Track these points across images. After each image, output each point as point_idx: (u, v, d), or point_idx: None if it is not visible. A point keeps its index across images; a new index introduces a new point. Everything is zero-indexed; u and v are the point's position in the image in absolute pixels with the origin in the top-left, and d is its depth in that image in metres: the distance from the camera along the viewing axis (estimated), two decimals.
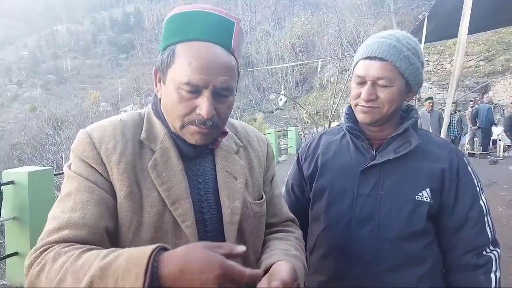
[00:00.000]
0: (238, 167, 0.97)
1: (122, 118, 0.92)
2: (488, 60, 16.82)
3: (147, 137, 0.89)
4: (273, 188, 1.10)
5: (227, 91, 0.85)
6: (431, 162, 1.16)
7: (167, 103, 0.86)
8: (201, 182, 0.92)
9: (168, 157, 0.88)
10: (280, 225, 1.09)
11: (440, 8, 5.45)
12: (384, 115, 1.14)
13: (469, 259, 1.12)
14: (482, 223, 1.14)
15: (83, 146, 0.84)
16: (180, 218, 0.83)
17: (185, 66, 0.81)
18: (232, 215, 0.91)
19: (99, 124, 0.90)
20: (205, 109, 0.81)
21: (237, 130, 1.06)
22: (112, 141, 0.85)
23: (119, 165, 0.83)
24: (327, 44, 21.97)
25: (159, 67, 0.88)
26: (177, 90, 0.82)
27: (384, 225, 1.13)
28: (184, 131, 0.86)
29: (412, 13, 22.88)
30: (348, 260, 1.16)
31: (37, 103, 38.37)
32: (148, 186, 0.84)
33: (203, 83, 0.81)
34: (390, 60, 1.09)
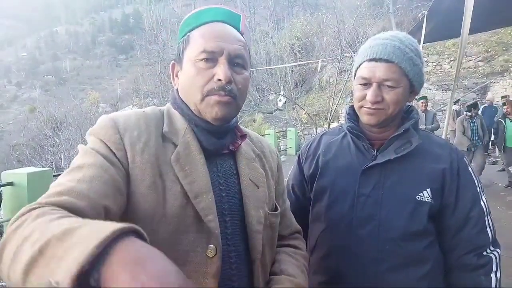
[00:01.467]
0: (259, 175, 0.97)
1: (145, 110, 0.93)
2: (487, 61, 16.84)
3: (169, 130, 0.89)
4: (284, 201, 1.12)
5: (241, 59, 0.89)
6: (432, 162, 1.16)
7: (186, 81, 0.89)
8: (222, 183, 0.91)
9: (190, 150, 0.87)
10: (290, 238, 1.11)
11: (439, 7, 5.45)
12: (389, 117, 1.14)
13: (469, 259, 1.13)
14: (483, 223, 1.14)
15: (106, 129, 0.83)
16: (202, 212, 0.82)
17: (199, 39, 0.87)
18: (258, 224, 0.91)
19: (123, 112, 0.90)
20: (222, 73, 0.84)
21: (252, 139, 1.07)
22: (136, 130, 0.85)
23: (143, 155, 0.82)
24: (326, 45, 21.98)
25: (176, 59, 0.93)
26: (194, 63, 0.86)
27: (385, 225, 1.13)
28: (204, 105, 0.87)
29: (411, 14, 22.91)
30: (348, 260, 1.16)
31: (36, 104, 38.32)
32: (171, 178, 0.83)
33: (218, 49, 0.85)
34: (395, 61, 1.10)
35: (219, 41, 0.85)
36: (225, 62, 0.85)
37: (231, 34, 0.89)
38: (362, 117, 1.19)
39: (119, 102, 36.92)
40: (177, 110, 0.93)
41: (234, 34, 0.90)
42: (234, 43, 0.88)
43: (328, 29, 22.11)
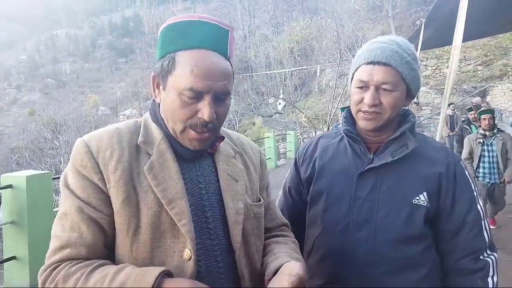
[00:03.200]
0: (237, 170, 1.01)
1: (118, 126, 0.96)
2: (486, 65, 16.89)
3: (144, 141, 0.92)
4: (268, 195, 1.15)
5: (225, 95, 0.90)
6: (428, 166, 1.16)
7: (168, 108, 0.89)
8: (202, 182, 0.95)
9: (164, 159, 0.90)
10: (277, 230, 1.14)
11: (437, 14, 5.48)
12: (386, 121, 1.15)
13: (466, 263, 1.12)
14: (479, 227, 1.14)
15: (81, 156, 0.87)
16: (176, 217, 0.85)
17: (187, 73, 0.85)
18: (236, 215, 0.94)
19: (96, 133, 0.93)
20: (207, 113, 0.86)
21: (232, 138, 1.11)
22: (109, 149, 0.88)
23: (115, 173, 0.86)
24: (325, 48, 22.05)
25: (158, 74, 0.92)
26: (179, 95, 0.86)
27: (381, 228, 1.13)
28: (184, 136, 0.90)
29: (410, 18, 22.99)
30: (345, 263, 1.15)
31: (36, 107, 38.32)
32: (144, 188, 0.87)
33: (206, 89, 0.86)
34: (393, 65, 1.10)
35: (208, 80, 0.85)
36: (210, 101, 0.86)
37: (220, 71, 0.87)
38: (359, 122, 1.19)
39: (119, 105, 36.97)
40: (156, 124, 0.96)
41: (223, 70, 0.88)
42: (222, 80, 0.88)
43: (328, 33, 22.18)
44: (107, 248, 0.87)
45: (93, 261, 0.82)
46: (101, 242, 0.85)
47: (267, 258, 0.99)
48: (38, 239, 3.66)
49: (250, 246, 0.98)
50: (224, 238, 0.93)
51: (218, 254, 0.92)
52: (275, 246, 1.03)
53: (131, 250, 0.84)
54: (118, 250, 0.86)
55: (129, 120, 1.00)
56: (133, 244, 0.84)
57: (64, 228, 0.84)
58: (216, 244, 0.92)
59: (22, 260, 3.72)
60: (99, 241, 0.84)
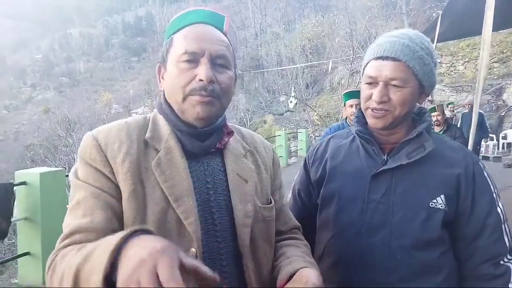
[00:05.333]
0: (247, 170, 0.98)
1: (127, 120, 0.95)
2: (502, 62, 16.51)
3: (151, 136, 0.91)
4: (282, 197, 1.11)
5: (222, 59, 0.90)
6: (446, 167, 1.11)
7: (169, 82, 0.91)
8: (210, 181, 0.92)
9: (172, 155, 0.89)
10: (289, 233, 1.10)
11: (454, 6, 5.35)
12: (396, 119, 1.10)
13: (486, 269, 1.08)
14: (500, 231, 1.09)
15: (90, 149, 0.86)
16: (183, 215, 0.83)
17: (181, 41, 0.89)
18: (245, 218, 0.91)
19: (104, 126, 0.92)
20: (204, 73, 0.85)
21: (244, 136, 1.07)
22: (117, 142, 0.87)
23: (124, 164, 0.84)
24: (338, 46, 21.86)
25: (161, 61, 0.95)
26: (177, 64, 0.88)
27: (396, 233, 1.09)
28: (186, 105, 0.88)
29: (424, 14, 22.62)
30: (358, 269, 1.11)
31: (51, 105, 38.98)
32: (151, 184, 0.85)
33: (199, 50, 0.86)
34: (403, 60, 1.05)
35: (201, 42, 0.87)
36: (206, 62, 0.87)
37: (213, 35, 0.90)
38: (369, 120, 1.15)
39: (131, 103, 37.30)
40: (162, 115, 0.95)
41: (217, 35, 0.91)
42: (215, 43, 0.89)
43: (340, 30, 21.98)
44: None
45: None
46: (112, 229, 0.81)
47: (279, 262, 0.96)
48: (51, 235, 3.72)
49: (258, 250, 0.94)
50: (231, 242, 0.90)
51: (224, 258, 0.89)
52: (287, 249, 1.00)
53: None
54: None
55: (138, 115, 0.99)
56: None
57: (76, 215, 0.82)
58: (223, 247, 0.89)
59: (35, 256, 3.78)
60: (109, 228, 0.80)
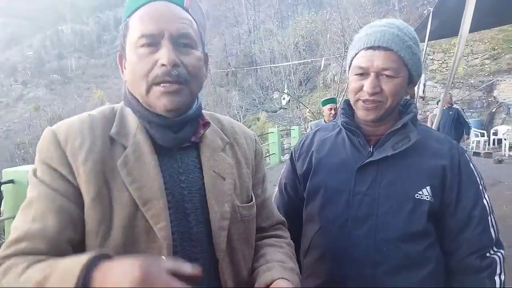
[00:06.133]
0: (226, 166, 0.89)
1: (92, 113, 0.85)
2: (493, 59, 16.62)
3: (117, 132, 0.81)
4: (264, 190, 1.04)
5: (186, 38, 0.80)
6: (431, 159, 1.10)
7: (129, 71, 0.81)
8: (184, 180, 0.84)
9: (140, 152, 0.80)
10: (272, 229, 1.04)
11: (445, 4, 5.37)
12: (387, 110, 1.08)
13: (472, 261, 1.07)
14: (486, 223, 1.08)
15: (47, 146, 0.78)
16: (152, 219, 0.76)
17: (137, 23, 0.79)
18: (221, 220, 0.84)
19: (66, 120, 0.83)
20: (165, 56, 0.76)
21: (223, 125, 0.98)
22: (78, 137, 0.78)
23: (86, 164, 0.76)
24: (330, 43, 21.89)
25: (120, 49, 0.85)
26: (135, 50, 0.78)
27: (382, 225, 1.08)
28: (151, 97, 0.79)
29: (416, 11, 22.70)
30: (344, 262, 1.10)
31: (42, 103, 38.58)
32: (118, 186, 0.77)
33: (157, 31, 0.77)
34: (394, 49, 1.04)
35: (158, 22, 0.77)
36: (168, 44, 0.77)
37: (172, 13, 0.80)
38: (359, 112, 1.13)
39: None
40: (129, 107, 0.86)
41: (176, 12, 0.80)
42: (176, 21, 0.79)
43: (333, 27, 22.01)
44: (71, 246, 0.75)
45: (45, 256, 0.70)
46: (66, 238, 0.73)
47: (258, 264, 0.90)
48: None
49: (236, 253, 0.88)
50: (207, 245, 0.83)
51: (200, 262, 0.81)
52: (268, 251, 0.94)
53: None
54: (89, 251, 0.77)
55: (105, 106, 0.89)
56: (103, 248, 0.74)
57: (26, 218, 0.73)
58: (198, 251, 0.82)
59: None
60: (63, 236, 0.73)
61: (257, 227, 0.98)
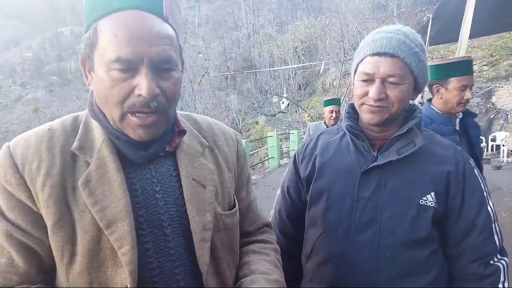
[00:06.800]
0: (206, 172, 0.83)
1: (51, 126, 0.78)
2: (491, 65, 16.71)
3: (80, 146, 0.75)
4: (249, 193, 1.00)
5: (168, 63, 0.71)
6: (436, 164, 1.09)
7: (100, 91, 0.72)
8: (159, 191, 0.78)
9: (105, 169, 0.73)
10: (257, 233, 1.01)
11: (444, 10, 5.40)
12: (392, 115, 1.08)
13: (475, 268, 1.06)
14: (490, 230, 1.08)
15: (5, 169, 0.72)
16: (116, 243, 0.70)
17: (110, 40, 0.67)
18: (203, 231, 0.79)
19: (24, 137, 0.76)
20: (144, 87, 0.67)
21: (201, 128, 0.92)
22: (36, 159, 0.72)
23: (44, 190, 0.70)
24: (329, 48, 21.97)
25: (84, 55, 0.74)
26: (108, 72, 0.69)
27: (386, 230, 1.07)
28: (125, 125, 0.72)
29: (415, 17, 22.83)
30: (347, 268, 1.09)
31: (40, 105, 38.54)
32: (80, 208, 0.71)
33: (136, 57, 0.67)
34: (401, 56, 1.03)
35: (137, 45, 0.67)
36: (147, 72, 0.68)
37: (151, 31, 0.69)
38: (363, 116, 1.12)
39: None
40: (96, 120, 0.78)
41: (156, 29, 0.70)
42: (156, 44, 0.69)
43: (332, 32, 22.11)
44: (44, 274, 0.74)
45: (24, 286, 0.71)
46: (36, 269, 0.72)
47: (242, 274, 0.86)
48: None
49: (220, 263, 0.83)
50: (187, 258, 0.79)
51: (181, 278, 0.78)
52: (253, 258, 0.89)
53: (67, 280, 0.72)
54: (59, 277, 0.74)
55: (68, 116, 0.81)
56: (69, 274, 0.71)
57: None
58: (178, 265, 0.78)
59: None
60: (32, 269, 0.72)
61: (243, 232, 0.94)
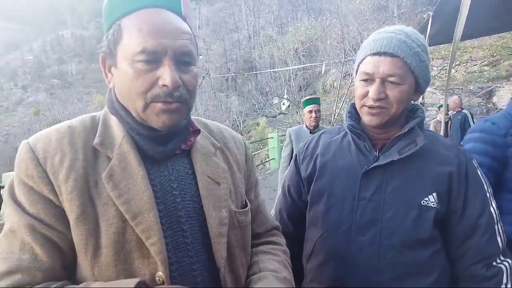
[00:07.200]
0: (219, 170, 0.87)
1: (71, 123, 0.80)
2: (492, 65, 16.69)
3: (101, 142, 0.77)
4: (257, 196, 1.02)
5: (188, 56, 0.76)
6: (438, 165, 1.08)
7: (123, 85, 0.75)
8: (176, 187, 0.81)
9: (127, 163, 0.75)
10: (267, 235, 1.02)
11: (444, 9, 5.38)
12: (392, 116, 1.07)
13: (478, 270, 1.05)
14: (492, 231, 1.06)
15: (26, 164, 0.72)
16: (143, 234, 0.72)
17: (136, 34, 0.72)
18: (220, 226, 0.81)
19: (44, 133, 0.78)
20: (169, 77, 0.71)
21: (212, 131, 0.96)
22: (58, 153, 0.74)
23: (67, 183, 0.72)
24: (330, 48, 21.97)
25: (106, 52, 0.78)
26: (132, 64, 0.72)
27: (387, 231, 1.06)
28: (149, 113, 0.75)
29: (415, 18, 22.83)
30: (347, 268, 1.08)
31: (41, 107, 38.62)
32: (103, 201, 0.73)
33: (161, 48, 0.72)
34: (401, 56, 1.02)
35: (161, 37, 0.72)
36: (170, 64, 0.73)
37: (174, 27, 0.74)
38: (363, 117, 1.11)
39: None
40: (115, 116, 0.81)
41: (178, 25, 0.75)
42: (179, 37, 0.74)
43: (332, 33, 22.11)
44: (67, 269, 0.74)
45: (48, 283, 0.70)
46: (59, 264, 0.72)
47: (251, 272, 0.88)
48: None
49: (235, 260, 0.85)
50: (204, 254, 0.80)
51: (198, 273, 0.79)
52: (262, 258, 0.91)
53: (93, 274, 0.72)
54: (81, 272, 0.74)
55: (85, 115, 0.84)
56: (94, 267, 0.71)
57: (12, 248, 0.70)
58: (195, 261, 0.79)
59: None
60: (56, 263, 0.71)
61: (252, 233, 0.95)
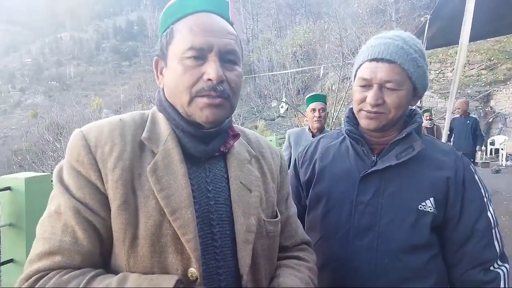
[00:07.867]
0: (252, 178, 0.88)
1: (122, 118, 0.85)
2: (490, 69, 16.76)
3: (148, 137, 0.81)
4: (288, 207, 1.01)
5: (233, 55, 0.81)
6: (436, 170, 1.09)
7: (171, 80, 0.80)
8: (211, 190, 0.82)
9: (170, 160, 0.79)
10: (295, 249, 0.99)
11: (441, 12, 5.41)
12: (390, 121, 1.08)
13: (475, 275, 1.06)
14: (490, 236, 1.07)
15: (78, 150, 0.77)
16: (180, 230, 0.74)
17: (186, 34, 0.78)
18: (247, 233, 0.81)
19: (97, 124, 0.82)
20: (213, 72, 0.76)
21: (249, 139, 0.98)
22: (109, 143, 0.78)
23: (114, 171, 0.75)
24: (328, 52, 22.03)
25: (159, 54, 0.85)
26: (181, 61, 0.78)
27: (384, 236, 1.06)
28: (193, 108, 0.79)
29: (413, 22, 22.93)
30: (345, 273, 1.09)
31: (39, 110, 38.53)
32: (145, 193, 0.75)
33: (207, 45, 0.77)
34: (398, 62, 1.03)
35: (208, 35, 0.77)
36: (215, 60, 0.77)
37: (221, 27, 0.80)
38: (362, 121, 1.12)
39: (122, 108, 37.04)
40: (163, 113, 0.85)
41: (224, 26, 0.81)
42: (224, 37, 0.79)
43: (331, 37, 22.19)
44: (103, 257, 0.76)
45: (86, 269, 0.71)
46: (98, 250, 0.75)
47: (271, 285, 0.86)
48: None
49: (259, 269, 0.84)
50: (231, 260, 0.80)
51: (223, 278, 0.79)
52: (283, 272, 0.88)
53: (128, 263, 0.74)
54: (116, 261, 0.76)
55: (135, 112, 0.88)
56: (130, 257, 0.73)
57: (55, 229, 0.73)
58: (222, 266, 0.79)
59: (20, 263, 3.65)
60: (95, 249, 0.74)
61: (280, 246, 0.94)
